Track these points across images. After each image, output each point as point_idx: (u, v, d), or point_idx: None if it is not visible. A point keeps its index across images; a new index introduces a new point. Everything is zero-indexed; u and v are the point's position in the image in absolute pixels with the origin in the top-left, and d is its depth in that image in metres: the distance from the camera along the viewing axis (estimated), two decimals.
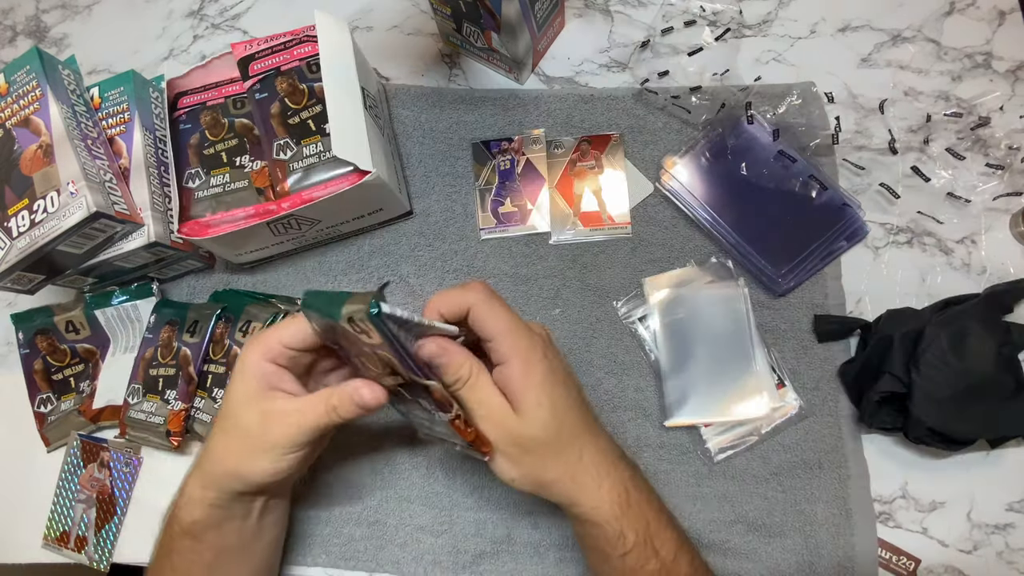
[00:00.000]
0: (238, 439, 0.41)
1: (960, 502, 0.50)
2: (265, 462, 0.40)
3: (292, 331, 0.41)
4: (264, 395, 0.40)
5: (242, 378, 0.41)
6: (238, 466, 0.41)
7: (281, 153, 0.53)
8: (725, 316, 0.53)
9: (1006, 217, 0.54)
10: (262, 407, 0.40)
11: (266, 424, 0.40)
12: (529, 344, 0.39)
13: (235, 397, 0.41)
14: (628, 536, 0.40)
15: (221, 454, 0.42)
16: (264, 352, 0.41)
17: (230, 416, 0.41)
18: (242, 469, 0.41)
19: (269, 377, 0.40)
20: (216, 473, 0.42)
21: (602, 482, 0.41)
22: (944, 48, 0.59)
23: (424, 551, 0.53)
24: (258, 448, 0.40)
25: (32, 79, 0.51)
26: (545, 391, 0.39)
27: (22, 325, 0.58)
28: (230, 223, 0.52)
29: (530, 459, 0.40)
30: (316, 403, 0.40)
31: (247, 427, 0.40)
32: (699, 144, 0.57)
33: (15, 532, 0.58)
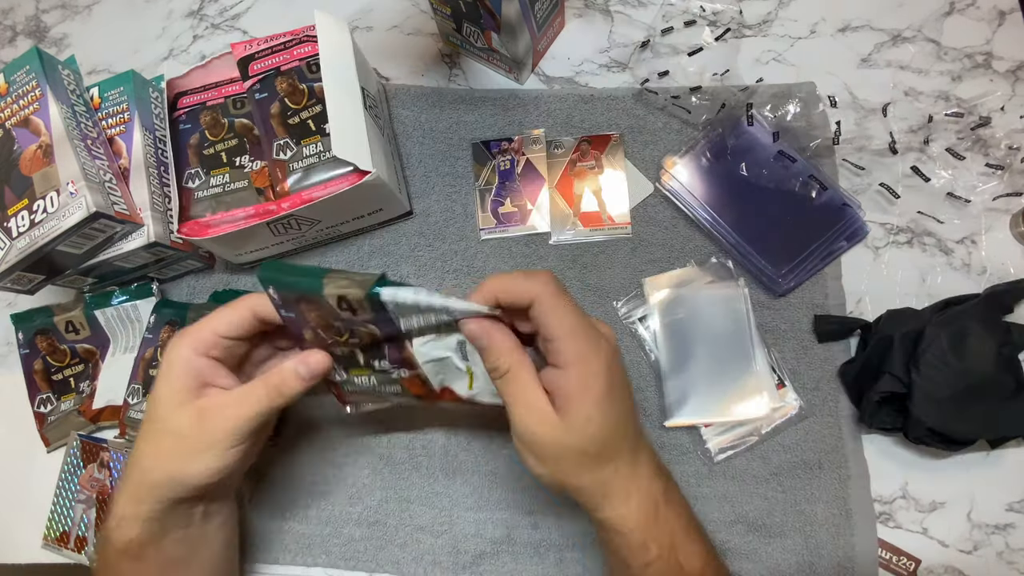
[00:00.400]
0: (172, 442, 0.38)
1: (960, 502, 0.50)
2: (207, 461, 0.38)
3: (229, 319, 0.39)
4: (197, 393, 0.38)
5: (170, 377, 0.39)
6: (176, 470, 0.38)
7: (281, 153, 0.53)
8: (725, 316, 0.53)
9: (1006, 217, 0.54)
10: (196, 405, 0.38)
11: (203, 421, 0.38)
12: (594, 353, 0.36)
13: (163, 398, 0.39)
14: (651, 548, 0.38)
15: (152, 461, 0.39)
16: (195, 345, 0.39)
17: (159, 419, 0.39)
18: (181, 473, 0.38)
19: (201, 372, 0.39)
20: (148, 483, 0.39)
21: (631, 495, 0.38)
22: (944, 48, 0.59)
23: (424, 551, 0.53)
24: (197, 447, 0.38)
25: (32, 79, 0.51)
26: (600, 409, 0.36)
27: (22, 325, 0.58)
28: (230, 223, 0.52)
29: (562, 465, 0.37)
30: (255, 389, 0.38)
31: (181, 428, 0.38)
32: (699, 144, 0.57)
33: (15, 532, 0.58)
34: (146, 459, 0.39)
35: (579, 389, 0.36)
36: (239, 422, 0.38)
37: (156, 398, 0.39)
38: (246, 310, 0.39)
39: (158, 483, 0.39)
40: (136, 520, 0.39)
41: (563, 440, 0.36)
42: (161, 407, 0.39)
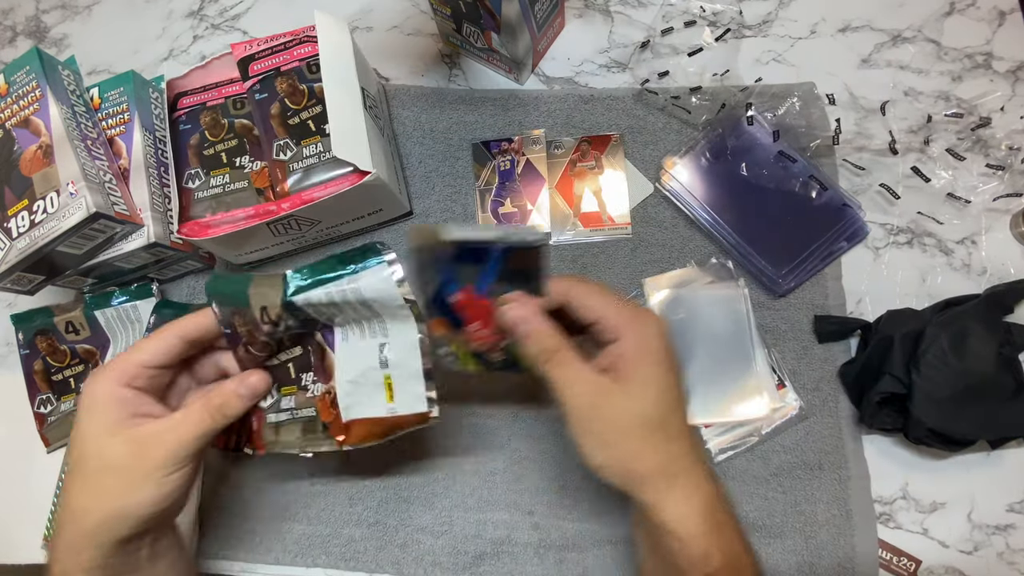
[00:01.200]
0: (108, 477, 0.36)
1: (961, 503, 0.50)
2: (148, 490, 0.36)
3: (154, 348, 0.38)
4: (127, 423, 0.36)
5: (94, 411, 0.37)
6: (116, 507, 0.36)
7: (281, 153, 0.53)
8: (725, 317, 0.53)
9: (1006, 218, 0.54)
10: (128, 435, 0.36)
11: (139, 450, 0.36)
12: (644, 320, 0.36)
13: (90, 434, 0.37)
14: (714, 556, 0.35)
15: (88, 501, 0.36)
16: (118, 378, 0.37)
17: (89, 456, 0.36)
18: (123, 507, 0.36)
19: (127, 404, 0.37)
20: (87, 527, 0.36)
21: (693, 492, 0.36)
22: (944, 48, 0.59)
23: (424, 552, 0.53)
24: (136, 478, 0.36)
25: (32, 79, 0.51)
26: (661, 369, 0.35)
27: (22, 326, 0.58)
28: (230, 223, 0.52)
29: (627, 443, 0.35)
30: (193, 412, 0.37)
31: (115, 461, 0.36)
32: (699, 144, 0.57)
33: (15, 532, 0.57)
34: (80, 501, 0.36)
35: (636, 349, 0.36)
36: (179, 446, 0.36)
37: (83, 435, 0.37)
38: (172, 337, 0.38)
39: (98, 524, 0.36)
40: (79, 571, 0.36)
41: (626, 406, 0.35)
42: (90, 443, 0.37)
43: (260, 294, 0.36)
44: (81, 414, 0.37)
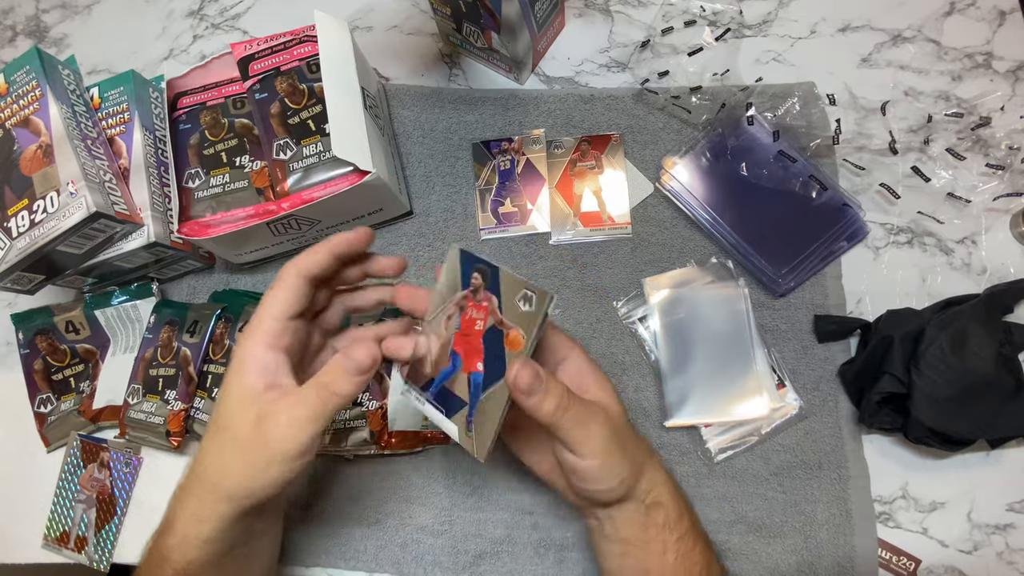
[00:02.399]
0: (238, 454, 0.36)
1: (960, 502, 0.50)
2: (274, 473, 0.36)
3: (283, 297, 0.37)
4: (263, 396, 0.36)
5: (239, 377, 0.37)
6: (244, 484, 0.36)
7: (281, 153, 0.53)
8: (725, 316, 0.53)
9: (1006, 217, 0.54)
10: (259, 410, 0.36)
11: (264, 429, 0.36)
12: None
13: (231, 401, 0.37)
14: (685, 517, 0.41)
15: (219, 477, 0.37)
16: (263, 339, 0.36)
17: (226, 428, 0.37)
18: (250, 486, 0.36)
19: (267, 372, 0.37)
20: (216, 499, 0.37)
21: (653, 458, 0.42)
22: (944, 48, 0.59)
23: (424, 551, 0.53)
24: (262, 461, 0.36)
25: (32, 79, 0.51)
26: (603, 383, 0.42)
27: (22, 325, 0.58)
28: (230, 223, 0.52)
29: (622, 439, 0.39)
30: (309, 394, 0.36)
31: (244, 439, 0.36)
32: (699, 144, 0.57)
33: (15, 532, 0.58)
34: (213, 472, 0.37)
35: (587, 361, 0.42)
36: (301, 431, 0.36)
37: (225, 402, 0.37)
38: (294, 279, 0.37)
39: (227, 498, 0.37)
40: (198, 540, 0.37)
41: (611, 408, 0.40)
42: (230, 413, 0.37)
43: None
44: (229, 379, 0.37)
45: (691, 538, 0.41)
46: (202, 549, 0.37)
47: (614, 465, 0.39)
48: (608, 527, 0.41)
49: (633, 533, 0.41)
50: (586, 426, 0.37)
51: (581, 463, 0.38)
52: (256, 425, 0.36)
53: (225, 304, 0.57)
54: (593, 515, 0.42)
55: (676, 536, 0.40)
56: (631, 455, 0.40)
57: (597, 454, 0.38)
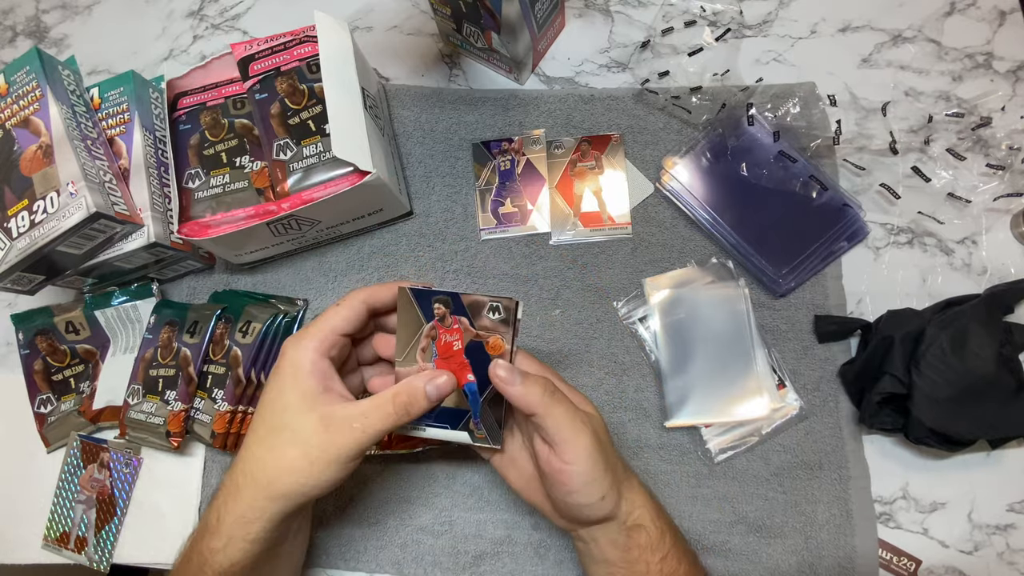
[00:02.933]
0: (297, 453, 0.37)
1: (961, 503, 0.50)
2: (330, 474, 0.37)
3: (345, 315, 0.39)
4: (321, 398, 0.37)
5: (297, 379, 0.37)
6: (299, 482, 0.37)
7: (281, 153, 0.53)
8: (725, 317, 0.53)
9: (1007, 217, 0.54)
10: (322, 412, 0.37)
11: (329, 434, 0.36)
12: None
13: (288, 402, 0.37)
14: (667, 536, 0.41)
15: (275, 471, 0.37)
16: (318, 347, 0.38)
17: (286, 427, 0.37)
18: (303, 484, 0.37)
19: (324, 377, 0.38)
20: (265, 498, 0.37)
21: (632, 478, 0.43)
22: (945, 48, 0.59)
23: (424, 552, 0.53)
24: (323, 461, 0.36)
25: (32, 79, 0.51)
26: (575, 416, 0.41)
27: (22, 325, 0.58)
28: (230, 223, 0.52)
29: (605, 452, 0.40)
30: (381, 404, 0.37)
31: (307, 438, 0.36)
32: (699, 144, 0.57)
33: (15, 532, 0.57)
34: (266, 470, 0.37)
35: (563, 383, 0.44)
36: (365, 438, 0.37)
37: (283, 403, 0.37)
38: (359, 303, 0.40)
39: (278, 497, 0.37)
40: (244, 541, 0.38)
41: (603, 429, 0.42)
42: (288, 413, 0.37)
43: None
44: (284, 380, 0.38)
45: (675, 558, 0.41)
46: (247, 551, 0.38)
47: (596, 477, 0.39)
48: (594, 549, 0.42)
49: (617, 555, 0.41)
50: (573, 426, 0.38)
51: (565, 468, 0.38)
52: (323, 425, 0.36)
53: (225, 304, 0.57)
54: (579, 536, 0.43)
55: (659, 556, 0.41)
56: (612, 470, 0.40)
57: (581, 459, 0.38)
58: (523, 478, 0.44)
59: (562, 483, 0.39)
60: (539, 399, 0.38)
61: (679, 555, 0.42)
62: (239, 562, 0.38)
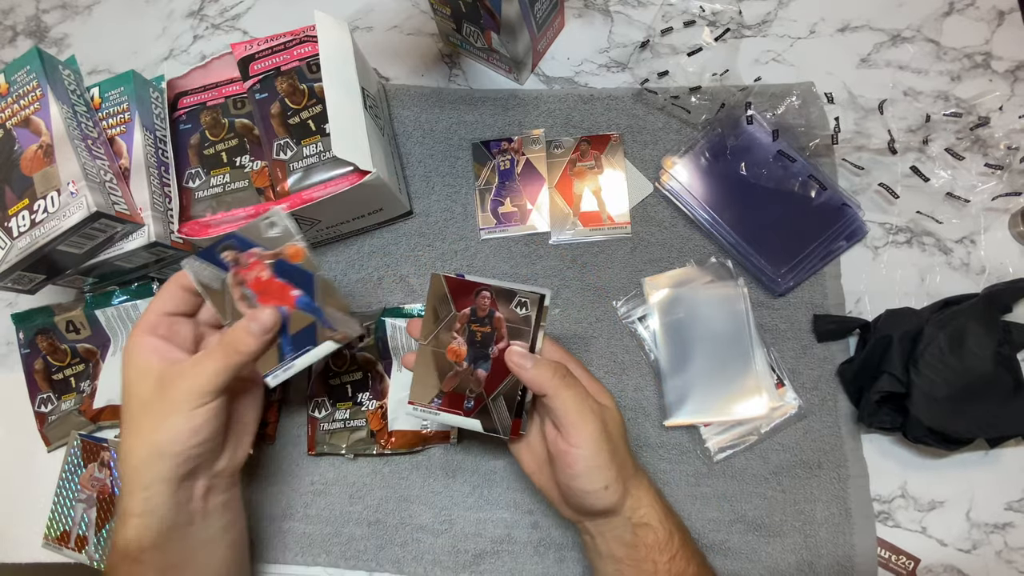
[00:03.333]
0: (143, 416, 0.40)
1: (959, 501, 0.50)
2: (176, 422, 0.39)
3: (163, 295, 0.42)
4: (156, 367, 0.40)
5: (130, 360, 0.41)
6: (151, 441, 0.39)
7: (281, 153, 0.53)
8: (725, 316, 0.53)
9: (1005, 217, 0.55)
10: (157, 374, 0.40)
11: (165, 388, 0.39)
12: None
13: (129, 380, 0.41)
14: (675, 537, 0.42)
15: (131, 442, 0.40)
16: (144, 328, 0.41)
17: (129, 401, 0.41)
18: (156, 441, 0.39)
19: (157, 350, 0.41)
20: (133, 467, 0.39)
21: (642, 477, 0.43)
22: (943, 48, 0.59)
23: (424, 551, 0.53)
24: (165, 412, 0.39)
25: (32, 79, 0.51)
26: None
27: (22, 325, 0.58)
28: (230, 223, 0.52)
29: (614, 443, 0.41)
30: (210, 351, 0.40)
31: (147, 399, 0.40)
32: (699, 144, 0.57)
33: (15, 532, 0.58)
34: (125, 443, 0.40)
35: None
36: (201, 381, 0.39)
37: (124, 383, 0.41)
38: (175, 285, 0.43)
39: (141, 463, 0.39)
40: (133, 515, 0.39)
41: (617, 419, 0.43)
42: (129, 388, 0.41)
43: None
44: (122, 367, 0.41)
45: (683, 559, 0.42)
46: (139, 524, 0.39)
47: (601, 464, 0.40)
48: (600, 543, 0.43)
49: (624, 552, 0.42)
50: (580, 410, 0.40)
51: (571, 450, 0.40)
52: (159, 384, 0.40)
53: None
54: (585, 529, 0.44)
55: (667, 556, 0.41)
56: (619, 463, 0.41)
57: (586, 443, 0.40)
58: (536, 462, 0.45)
59: (567, 465, 0.40)
60: (549, 381, 0.40)
61: (688, 556, 0.42)
62: (134, 539, 0.39)
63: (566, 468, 0.41)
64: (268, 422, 0.56)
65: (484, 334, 0.43)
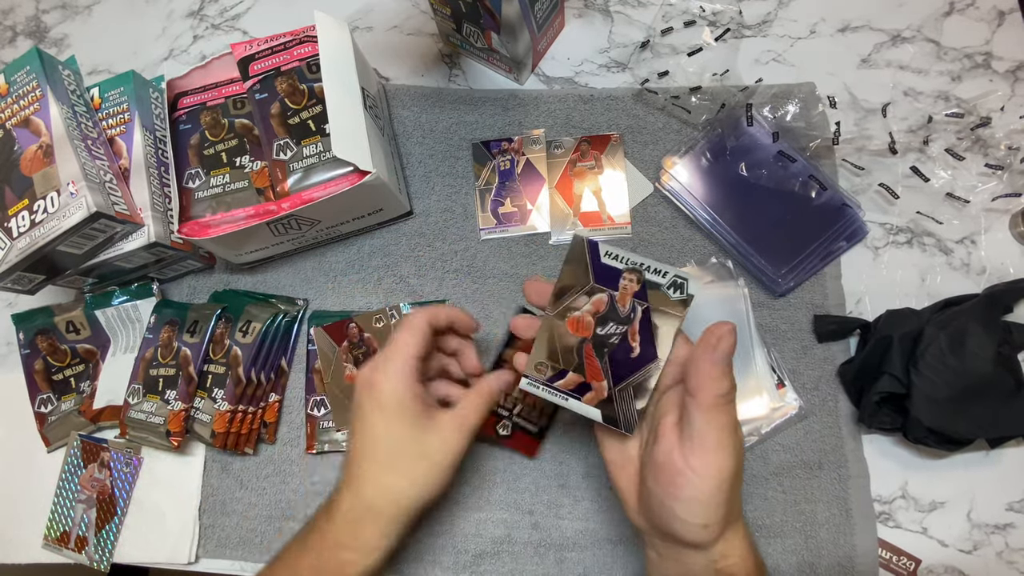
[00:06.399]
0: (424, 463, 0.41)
1: (960, 502, 0.50)
2: (450, 476, 0.41)
3: (415, 341, 0.42)
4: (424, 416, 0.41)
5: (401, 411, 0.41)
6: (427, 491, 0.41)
7: (281, 153, 0.53)
8: (725, 316, 0.53)
9: (1005, 217, 0.54)
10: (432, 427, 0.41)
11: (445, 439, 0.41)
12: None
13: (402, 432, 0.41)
14: None
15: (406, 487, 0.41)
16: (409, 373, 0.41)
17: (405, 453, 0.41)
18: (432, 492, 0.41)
19: (420, 399, 0.41)
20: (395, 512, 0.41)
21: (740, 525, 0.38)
22: (944, 48, 0.59)
23: (424, 550, 0.53)
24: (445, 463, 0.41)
25: (32, 79, 0.51)
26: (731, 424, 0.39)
27: (22, 325, 0.58)
28: (230, 223, 0.52)
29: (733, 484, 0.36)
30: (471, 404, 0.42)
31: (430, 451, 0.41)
32: (699, 144, 0.57)
33: (15, 532, 0.58)
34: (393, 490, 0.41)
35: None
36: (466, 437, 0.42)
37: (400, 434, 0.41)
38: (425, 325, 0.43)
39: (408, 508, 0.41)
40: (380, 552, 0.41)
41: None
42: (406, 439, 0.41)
43: None
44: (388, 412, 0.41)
45: None
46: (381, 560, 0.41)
47: (711, 503, 0.35)
48: (670, 567, 0.38)
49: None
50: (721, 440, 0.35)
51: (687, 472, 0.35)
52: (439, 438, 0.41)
53: (225, 304, 0.57)
54: (653, 545, 0.39)
55: None
56: (729, 507, 0.36)
57: (711, 475, 0.35)
58: (624, 456, 0.40)
59: (675, 484, 0.35)
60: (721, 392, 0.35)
61: None
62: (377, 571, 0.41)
63: (670, 487, 0.35)
64: (268, 423, 0.56)
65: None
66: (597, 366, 0.39)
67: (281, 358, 0.57)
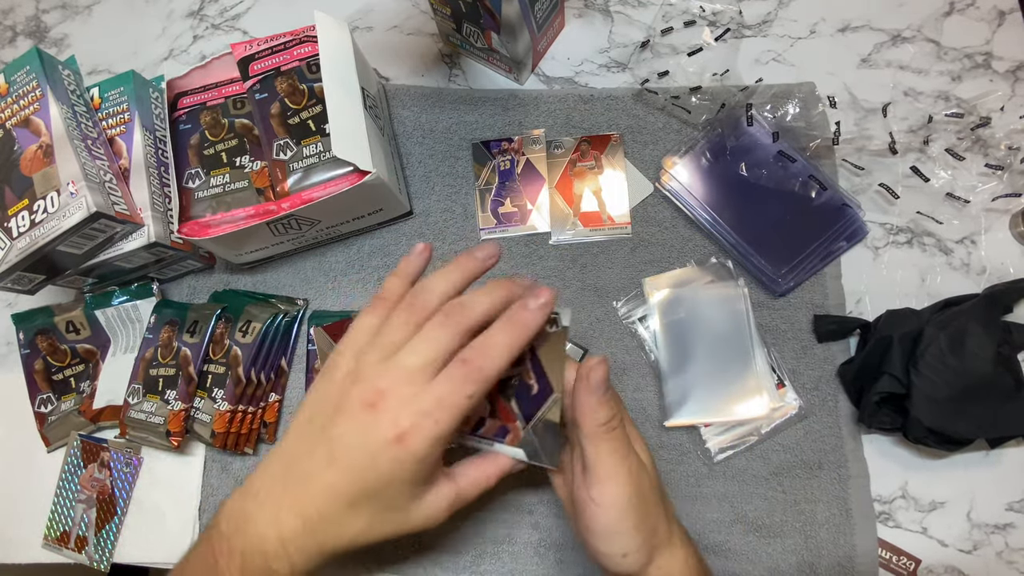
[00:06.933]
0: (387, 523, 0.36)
1: (960, 502, 0.50)
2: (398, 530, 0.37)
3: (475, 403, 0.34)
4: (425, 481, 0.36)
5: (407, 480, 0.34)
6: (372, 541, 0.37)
7: (281, 153, 0.53)
8: (725, 316, 0.53)
9: (1006, 217, 0.54)
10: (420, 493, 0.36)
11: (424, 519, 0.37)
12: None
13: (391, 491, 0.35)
14: None
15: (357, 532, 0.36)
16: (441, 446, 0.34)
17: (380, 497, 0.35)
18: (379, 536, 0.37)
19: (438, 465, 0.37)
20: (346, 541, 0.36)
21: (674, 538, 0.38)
22: (944, 48, 0.59)
23: (424, 551, 0.53)
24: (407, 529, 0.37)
25: (32, 79, 0.51)
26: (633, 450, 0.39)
27: (22, 325, 0.58)
28: (230, 223, 0.52)
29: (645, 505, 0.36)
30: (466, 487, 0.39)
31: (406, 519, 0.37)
32: (699, 144, 0.57)
33: (15, 532, 0.58)
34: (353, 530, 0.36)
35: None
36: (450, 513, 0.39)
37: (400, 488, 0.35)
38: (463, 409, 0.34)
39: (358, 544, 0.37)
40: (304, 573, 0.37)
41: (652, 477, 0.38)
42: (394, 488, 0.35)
43: None
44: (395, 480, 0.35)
45: None
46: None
47: (622, 531, 0.35)
48: None
49: None
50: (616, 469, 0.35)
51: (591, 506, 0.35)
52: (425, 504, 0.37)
53: (225, 304, 0.57)
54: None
55: None
56: (649, 529, 0.36)
57: (612, 505, 0.35)
58: (567, 487, 0.40)
59: (587, 518, 0.36)
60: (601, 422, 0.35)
61: None
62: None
63: (583, 519, 0.36)
64: (268, 423, 0.56)
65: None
66: (507, 408, 0.39)
67: (281, 358, 0.57)
